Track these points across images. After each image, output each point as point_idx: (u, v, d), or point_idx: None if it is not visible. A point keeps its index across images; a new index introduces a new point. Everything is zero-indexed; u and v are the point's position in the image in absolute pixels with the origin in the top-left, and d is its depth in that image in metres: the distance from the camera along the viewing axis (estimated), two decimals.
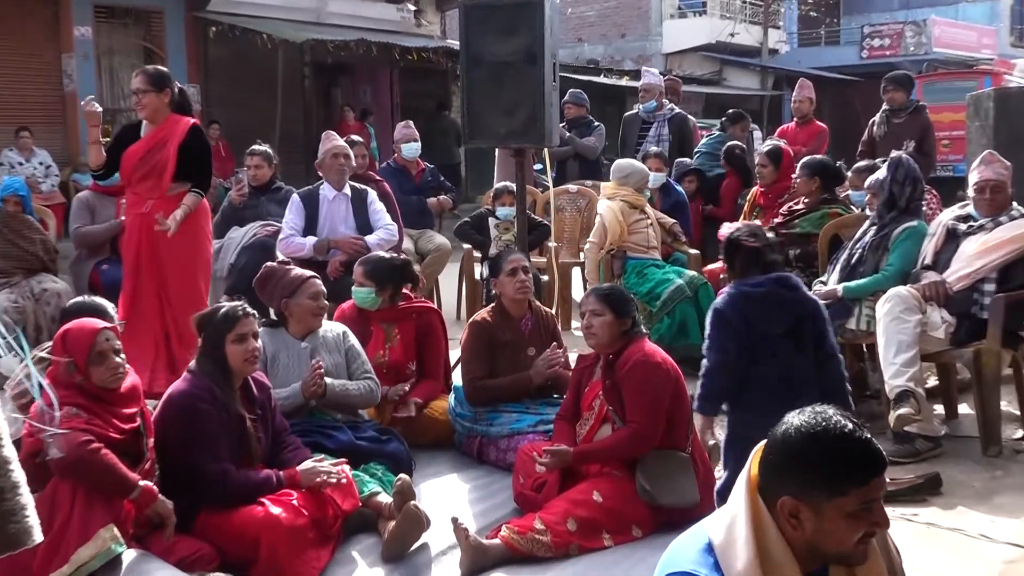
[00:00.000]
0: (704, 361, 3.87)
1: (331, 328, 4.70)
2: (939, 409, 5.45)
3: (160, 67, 5.77)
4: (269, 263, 4.85)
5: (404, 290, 5.15)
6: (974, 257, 5.03)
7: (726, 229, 4.02)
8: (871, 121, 8.51)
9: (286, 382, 4.40)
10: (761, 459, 2.12)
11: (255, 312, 3.92)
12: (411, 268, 5.30)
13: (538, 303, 5.16)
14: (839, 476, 2.01)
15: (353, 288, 5.11)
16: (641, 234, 6.85)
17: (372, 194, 6.61)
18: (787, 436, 2.08)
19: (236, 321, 3.80)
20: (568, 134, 9.02)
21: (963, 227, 5.18)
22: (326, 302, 4.64)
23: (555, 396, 4.91)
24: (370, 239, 6.34)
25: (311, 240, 6.29)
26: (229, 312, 3.83)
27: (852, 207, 6.36)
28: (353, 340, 4.72)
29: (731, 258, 3.94)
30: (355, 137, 7.40)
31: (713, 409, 3.89)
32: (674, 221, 7.28)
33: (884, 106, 8.41)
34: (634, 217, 6.84)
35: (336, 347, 4.63)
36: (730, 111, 9.88)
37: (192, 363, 3.85)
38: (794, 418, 2.10)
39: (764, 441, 2.14)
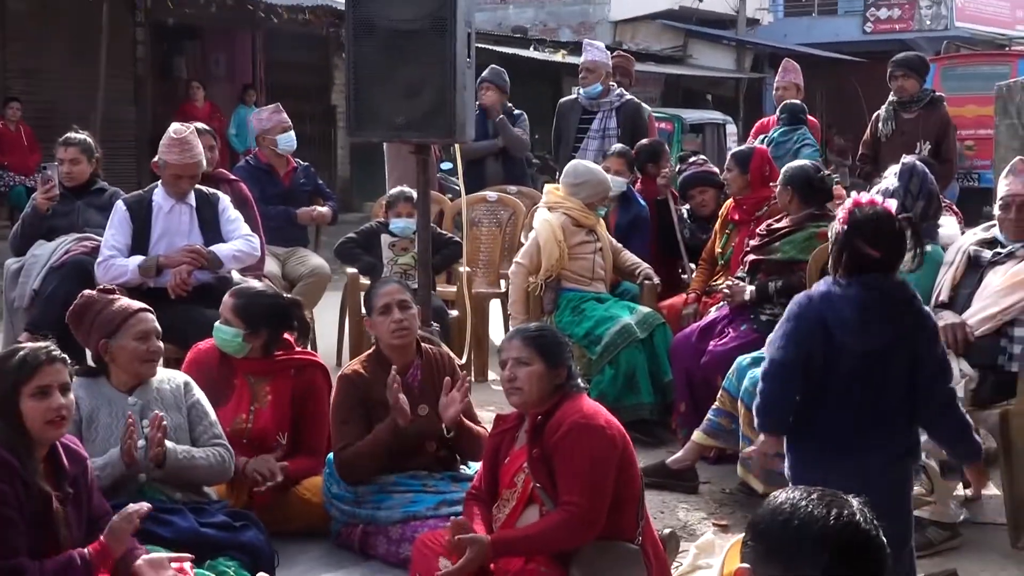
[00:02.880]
0: (763, 363, 4.00)
1: (169, 378, 4.67)
2: (958, 489, 5.52)
3: None
4: (88, 290, 4.80)
5: (285, 337, 5.16)
6: (1001, 294, 5.19)
7: (846, 205, 3.95)
8: (875, 115, 8.72)
9: (107, 450, 4.34)
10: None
11: (66, 357, 3.87)
12: (300, 311, 5.33)
13: (430, 344, 5.18)
14: (797, 552, 2.15)
15: (216, 325, 5.10)
16: (584, 261, 6.91)
17: (224, 199, 6.56)
18: (771, 502, 2.26)
19: (35, 369, 3.74)
20: (500, 117, 9.19)
21: (988, 254, 5.35)
22: (159, 344, 4.60)
23: (463, 468, 4.93)
24: (221, 249, 6.27)
25: (136, 261, 6.22)
26: (27, 356, 3.76)
27: None
28: (198, 394, 4.68)
29: (838, 252, 3.93)
30: (200, 125, 7.34)
31: (775, 425, 4.00)
32: (646, 266, 7.18)
33: (891, 96, 8.63)
34: (578, 238, 6.89)
35: (175, 404, 4.59)
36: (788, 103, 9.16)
37: None
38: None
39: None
